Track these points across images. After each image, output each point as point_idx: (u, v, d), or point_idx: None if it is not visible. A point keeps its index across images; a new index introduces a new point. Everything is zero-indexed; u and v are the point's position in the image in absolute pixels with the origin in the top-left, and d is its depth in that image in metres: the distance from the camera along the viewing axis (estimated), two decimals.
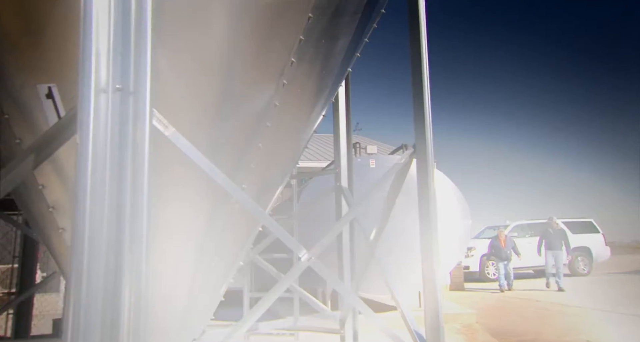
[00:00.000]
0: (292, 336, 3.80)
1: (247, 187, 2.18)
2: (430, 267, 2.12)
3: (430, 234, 2.14)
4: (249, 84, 2.03)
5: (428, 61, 2.22)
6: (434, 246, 2.13)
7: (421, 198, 2.22)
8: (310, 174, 3.87)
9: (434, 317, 2.10)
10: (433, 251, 2.13)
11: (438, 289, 2.11)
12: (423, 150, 2.17)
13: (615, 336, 6.27)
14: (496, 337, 6.54)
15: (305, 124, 2.43)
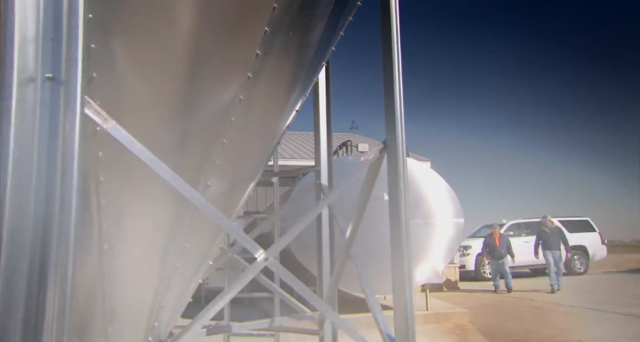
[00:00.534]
0: (273, 336, 3.73)
1: (212, 184, 2.11)
2: (400, 268, 2.05)
3: (400, 233, 2.06)
4: (211, 77, 1.95)
5: (400, 52, 2.15)
6: (404, 245, 2.06)
7: (391, 195, 2.14)
8: (290, 173, 3.80)
9: (402, 318, 2.03)
10: (403, 251, 2.05)
11: (408, 290, 2.04)
12: (394, 145, 2.09)
13: (606, 335, 6.20)
14: (488, 337, 6.47)
15: (275, 119, 2.36)
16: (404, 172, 2.10)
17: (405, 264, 2.04)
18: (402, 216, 2.06)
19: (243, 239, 1.68)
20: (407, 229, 2.08)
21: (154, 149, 1.99)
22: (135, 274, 2.04)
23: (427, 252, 7.77)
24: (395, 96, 2.09)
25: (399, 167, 2.07)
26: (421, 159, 13.16)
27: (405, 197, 2.08)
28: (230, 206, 2.44)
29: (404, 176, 2.08)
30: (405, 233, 2.05)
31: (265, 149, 2.44)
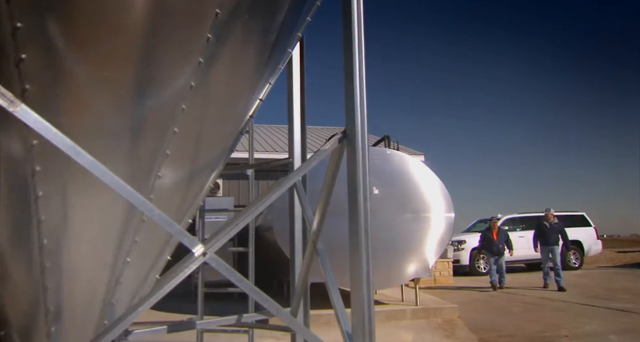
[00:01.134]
0: (247, 332, 3.64)
1: (164, 174, 2.00)
2: (358, 265, 1.95)
3: (359, 228, 1.96)
4: (158, 62, 1.84)
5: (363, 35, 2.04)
6: (363, 241, 1.96)
7: (350, 188, 2.04)
8: (263, 165, 3.69)
9: (360, 316, 1.93)
10: (361, 247, 1.95)
11: (365, 287, 1.94)
12: (353, 135, 1.99)
13: (594, 330, 6.13)
14: (476, 333, 6.40)
15: (234, 107, 2.25)
16: (364, 164, 2.00)
17: (364, 260, 1.94)
18: (361, 210, 1.95)
19: (178, 232, 1.58)
20: (367, 224, 1.98)
21: (100, 138, 1.90)
22: (80, 270, 1.94)
23: (416, 246, 7.69)
24: (355, 81, 1.99)
25: (357, 158, 1.96)
26: (415, 152, 13.05)
27: (364, 191, 1.98)
28: (189, 197, 2.34)
29: (363, 168, 1.98)
30: (364, 229, 1.95)
31: (225, 138, 2.34)
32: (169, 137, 1.95)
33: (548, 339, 5.86)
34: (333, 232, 7.47)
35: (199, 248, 1.55)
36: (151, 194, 1.98)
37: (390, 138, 8.74)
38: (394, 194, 7.70)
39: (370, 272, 1.97)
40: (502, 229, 11.67)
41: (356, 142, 1.96)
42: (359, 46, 2.02)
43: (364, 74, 2.05)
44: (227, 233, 1.64)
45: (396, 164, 7.94)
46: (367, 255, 1.94)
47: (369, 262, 1.97)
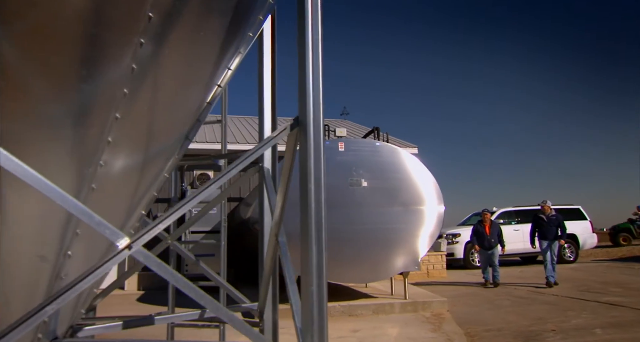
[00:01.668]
0: (218, 327, 3.56)
1: (106, 163, 1.90)
2: (308, 258, 1.86)
3: (309, 219, 1.86)
4: (95, 43, 1.73)
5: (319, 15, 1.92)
6: (315, 231, 1.86)
7: (301, 177, 1.93)
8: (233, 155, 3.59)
9: (308, 310, 1.84)
10: (312, 238, 1.86)
11: (315, 282, 1.85)
12: (305, 121, 1.88)
13: (581, 324, 6.06)
14: (463, 327, 6.34)
15: (187, 93, 2.14)
16: (318, 152, 1.89)
17: (314, 253, 1.84)
18: (312, 201, 1.85)
19: (99, 224, 1.48)
20: (319, 216, 1.88)
21: (35, 125, 1.79)
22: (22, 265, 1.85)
23: (405, 239, 7.61)
24: (307, 62, 1.88)
25: (309, 146, 1.86)
26: (408, 145, 12.93)
27: (317, 180, 1.88)
28: (142, 187, 2.24)
29: (316, 156, 1.87)
30: (315, 220, 1.85)
31: (178, 126, 2.23)
32: (110, 123, 1.84)
33: (534, 333, 5.80)
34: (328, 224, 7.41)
35: (123, 241, 1.46)
36: (92, 183, 1.88)
37: (379, 130, 8.62)
38: (383, 187, 7.61)
39: (323, 266, 1.87)
40: (495, 222, 11.08)
41: (308, 129, 1.85)
42: (313, 24, 1.91)
43: (319, 56, 1.94)
44: (155, 227, 1.54)
45: (386, 156, 7.84)
46: (318, 248, 1.84)
47: (321, 255, 1.87)
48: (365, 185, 7.54)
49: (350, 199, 7.45)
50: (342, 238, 7.33)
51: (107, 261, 1.43)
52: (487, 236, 10.25)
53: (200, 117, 2.39)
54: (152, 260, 1.51)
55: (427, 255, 12.76)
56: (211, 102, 2.39)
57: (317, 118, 1.94)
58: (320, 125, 1.97)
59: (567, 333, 5.68)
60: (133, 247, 1.44)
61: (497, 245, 10.22)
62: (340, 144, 7.66)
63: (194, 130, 2.39)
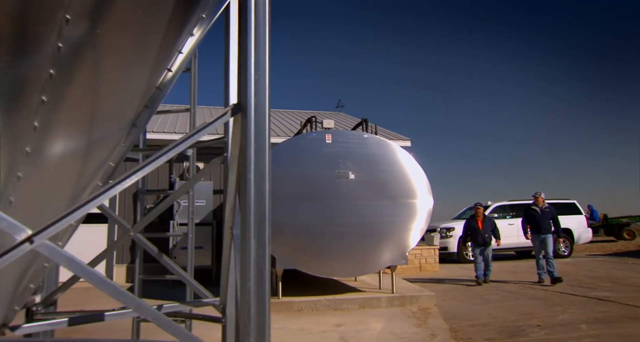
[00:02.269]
0: (183, 322, 3.46)
1: (33, 150, 1.78)
2: (247, 252, 1.74)
3: (248, 211, 1.74)
4: (14, 19, 1.60)
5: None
6: (253, 223, 1.75)
7: (242, 167, 1.81)
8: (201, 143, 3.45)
9: (246, 310, 1.73)
10: (251, 231, 1.74)
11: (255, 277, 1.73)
12: (246, 106, 1.76)
13: (567, 320, 5.97)
14: (448, 321, 6.25)
15: (127, 76, 2.01)
16: (260, 139, 1.77)
17: (252, 247, 1.73)
18: (251, 192, 1.73)
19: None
20: (262, 208, 1.76)
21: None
22: None
23: (393, 233, 7.50)
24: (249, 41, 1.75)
25: (249, 133, 1.74)
26: (401, 137, 12.80)
27: (258, 170, 1.76)
28: (84, 177, 2.12)
29: (258, 146, 1.75)
30: (254, 212, 1.73)
31: (121, 112, 2.11)
32: (35, 107, 1.72)
33: (519, 328, 5.71)
34: (310, 218, 7.32)
35: (24, 234, 1.34)
36: (18, 171, 1.76)
37: (368, 121, 8.49)
38: (371, 179, 7.49)
39: (265, 261, 1.76)
40: (488, 217, 10.49)
41: (249, 115, 1.73)
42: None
43: (265, 34, 1.82)
44: (61, 222, 1.42)
45: (374, 149, 7.72)
46: (259, 241, 1.73)
47: (263, 249, 1.76)
48: (352, 177, 7.42)
49: (336, 191, 7.33)
50: (328, 232, 7.23)
51: (3, 255, 1.31)
52: (481, 231, 9.74)
53: (150, 103, 2.26)
54: (60, 255, 1.39)
55: (419, 249, 12.69)
56: (162, 87, 2.26)
57: (260, 103, 1.81)
58: (266, 111, 1.85)
59: (552, 329, 5.59)
60: (35, 240, 1.33)
61: (491, 241, 9.75)
62: (327, 136, 7.53)
63: (143, 117, 2.26)
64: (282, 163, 7.31)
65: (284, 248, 7.10)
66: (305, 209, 7.20)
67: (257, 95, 1.80)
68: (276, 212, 7.10)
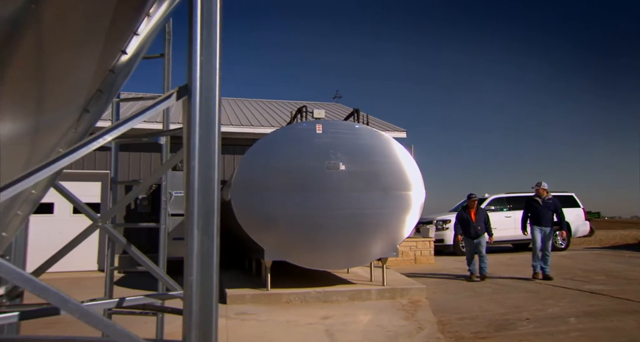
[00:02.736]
0: (155, 315, 3.39)
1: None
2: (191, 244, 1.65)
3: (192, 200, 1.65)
4: None
5: None
6: (197, 214, 1.65)
7: (187, 154, 1.71)
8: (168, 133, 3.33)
9: (188, 305, 1.64)
10: (194, 222, 1.64)
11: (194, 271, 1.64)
12: (192, 88, 1.65)
13: (557, 313, 5.89)
14: (437, 314, 6.18)
15: (70, 57, 1.90)
16: (209, 127, 1.67)
17: (195, 239, 1.63)
18: (194, 179, 1.63)
19: None
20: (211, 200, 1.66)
21: None
22: None
23: (384, 225, 7.41)
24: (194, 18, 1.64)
25: (193, 118, 1.63)
26: (397, 128, 12.67)
27: (207, 159, 1.65)
28: (31, 163, 2.02)
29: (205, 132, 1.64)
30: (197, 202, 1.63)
31: (65, 95, 2.00)
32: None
33: (508, 321, 5.63)
34: (299, 209, 7.22)
35: None
36: None
37: (359, 111, 8.36)
38: (362, 171, 7.38)
39: (213, 255, 1.66)
40: (482, 208, 9.87)
41: (193, 98, 1.62)
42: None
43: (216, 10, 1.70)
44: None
45: (365, 139, 7.60)
46: (204, 234, 1.63)
47: (212, 242, 1.66)
48: (343, 168, 7.32)
49: (327, 183, 7.24)
50: (318, 223, 7.14)
51: None
52: (473, 223, 9.20)
53: (106, 88, 2.16)
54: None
55: (414, 241, 12.62)
56: (117, 71, 2.14)
57: (208, 86, 1.70)
58: (215, 95, 1.74)
59: (541, 322, 5.51)
60: None
61: (483, 233, 9.21)
62: (318, 126, 7.41)
63: (96, 102, 2.15)
64: (271, 153, 7.21)
65: (272, 240, 7.03)
66: (294, 200, 7.10)
67: (204, 78, 1.69)
68: (265, 203, 7.04)
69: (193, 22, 1.67)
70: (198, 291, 1.61)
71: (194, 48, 1.65)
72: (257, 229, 7.02)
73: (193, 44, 1.65)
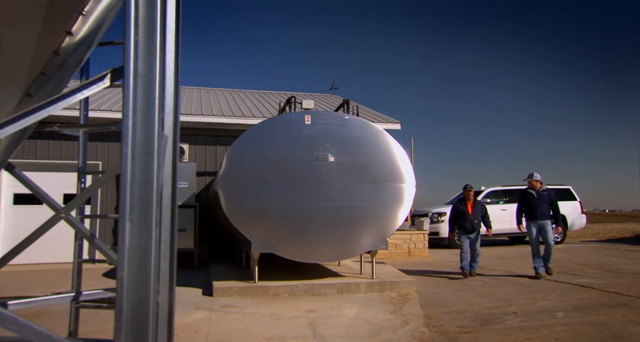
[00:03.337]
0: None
1: None
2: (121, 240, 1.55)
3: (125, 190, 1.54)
4: None
5: None
6: (128, 203, 1.55)
7: (121, 141, 1.60)
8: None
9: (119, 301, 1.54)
10: (126, 211, 1.54)
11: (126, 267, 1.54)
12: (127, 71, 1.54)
13: (545, 307, 5.81)
14: (425, 308, 6.10)
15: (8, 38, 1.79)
16: (147, 111, 1.56)
17: (126, 229, 1.53)
18: (127, 166, 1.53)
19: None
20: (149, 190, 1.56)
21: None
22: None
23: (373, 218, 7.31)
24: None
25: (126, 102, 1.52)
26: (391, 120, 12.53)
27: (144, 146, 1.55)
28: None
29: (139, 116, 1.54)
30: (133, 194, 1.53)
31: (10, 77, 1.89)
32: None
33: (495, 315, 5.55)
34: (287, 201, 7.11)
35: None
36: None
37: (349, 102, 8.22)
38: (352, 163, 7.27)
39: (151, 249, 1.57)
40: (479, 201, 9.11)
41: (126, 81, 1.51)
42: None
43: None
44: None
45: (355, 130, 7.48)
46: (139, 227, 1.53)
47: (150, 235, 1.56)
48: (332, 160, 7.21)
49: (315, 174, 7.13)
50: (306, 216, 7.05)
51: None
52: (470, 216, 8.55)
53: (50, 71, 2.05)
54: None
55: (409, 234, 12.54)
56: (62, 53, 2.03)
57: (148, 68, 1.59)
58: (155, 79, 1.63)
59: (527, 316, 5.43)
60: None
61: (480, 228, 8.65)
62: (306, 117, 7.29)
63: (41, 86, 2.05)
64: (258, 145, 7.10)
65: (260, 232, 6.94)
66: (281, 192, 7.00)
67: (143, 60, 1.58)
68: (252, 195, 6.94)
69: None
70: (131, 288, 1.51)
71: (127, 26, 1.54)
72: (244, 221, 6.94)
73: (127, 22, 1.54)
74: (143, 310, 1.55)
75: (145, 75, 1.58)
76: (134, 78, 1.54)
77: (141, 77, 1.57)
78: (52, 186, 9.36)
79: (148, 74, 1.59)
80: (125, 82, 1.54)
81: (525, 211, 8.52)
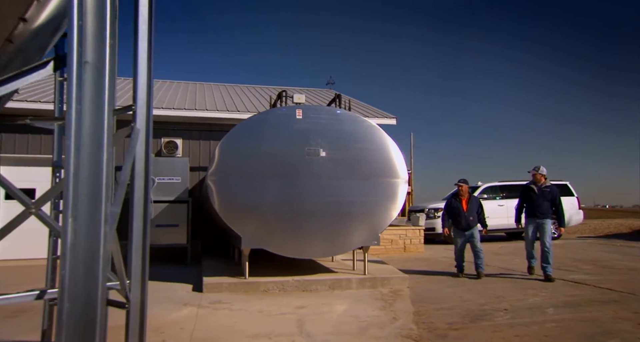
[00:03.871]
0: None
1: None
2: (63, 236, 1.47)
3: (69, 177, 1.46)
4: None
5: None
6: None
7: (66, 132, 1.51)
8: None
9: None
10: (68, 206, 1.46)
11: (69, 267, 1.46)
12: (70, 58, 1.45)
13: (537, 303, 5.75)
14: (416, 304, 6.04)
15: None
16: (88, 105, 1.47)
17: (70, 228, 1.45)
18: (69, 164, 1.45)
19: None
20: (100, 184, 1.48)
21: None
22: None
23: (365, 213, 7.24)
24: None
25: (69, 91, 1.44)
26: (386, 115, 12.43)
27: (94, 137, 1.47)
28: None
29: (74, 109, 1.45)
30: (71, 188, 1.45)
31: None
32: None
33: (485, 312, 5.49)
34: (277, 196, 7.04)
35: None
36: None
37: (341, 96, 8.12)
38: (344, 158, 7.19)
39: (100, 245, 1.49)
40: (474, 196, 8.51)
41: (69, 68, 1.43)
42: None
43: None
44: None
45: (347, 125, 7.39)
46: (89, 221, 1.45)
47: (99, 231, 1.48)
48: (323, 155, 7.12)
49: (306, 169, 7.05)
50: (296, 211, 6.97)
51: None
52: (464, 213, 8.06)
53: (4, 60, 1.96)
54: None
55: (404, 229, 12.47)
56: (14, 40, 1.94)
57: (97, 56, 1.50)
58: (105, 67, 1.54)
59: (518, 313, 5.37)
60: None
61: (476, 224, 8.11)
62: (297, 111, 7.20)
63: None
64: (249, 139, 7.01)
65: (250, 227, 6.87)
66: (272, 187, 6.93)
67: (91, 48, 1.49)
68: (242, 190, 6.86)
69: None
70: (75, 288, 1.43)
71: (70, 11, 1.45)
72: (234, 217, 6.86)
73: (70, 7, 1.45)
74: (89, 310, 1.48)
75: (93, 63, 1.50)
76: (77, 66, 1.45)
77: (89, 64, 1.49)
78: (36, 181, 9.28)
79: (97, 61, 1.51)
80: (68, 70, 1.46)
81: (525, 206, 8.01)
